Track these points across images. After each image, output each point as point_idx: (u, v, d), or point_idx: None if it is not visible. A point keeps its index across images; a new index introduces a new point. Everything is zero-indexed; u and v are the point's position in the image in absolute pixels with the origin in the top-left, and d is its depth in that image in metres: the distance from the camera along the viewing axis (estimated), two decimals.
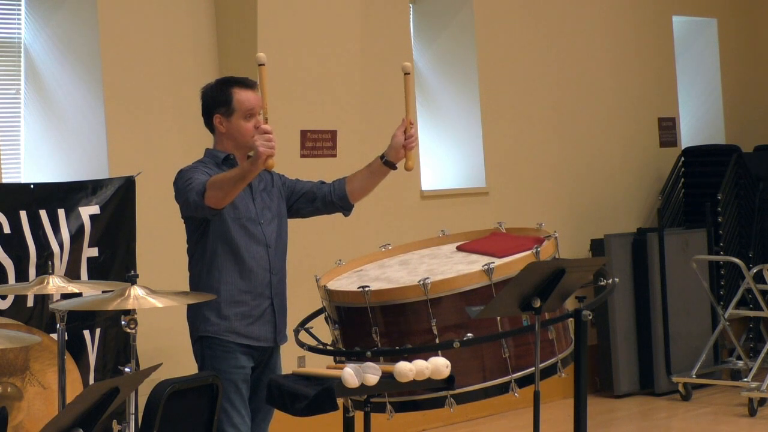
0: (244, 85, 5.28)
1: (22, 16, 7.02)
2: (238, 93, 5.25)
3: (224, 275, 5.20)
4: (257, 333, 5.24)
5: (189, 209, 5.15)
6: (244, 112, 5.24)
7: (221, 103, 5.24)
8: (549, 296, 4.92)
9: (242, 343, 5.21)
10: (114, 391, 3.85)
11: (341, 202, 5.46)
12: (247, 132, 5.23)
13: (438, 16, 8.99)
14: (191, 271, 5.30)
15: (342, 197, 5.44)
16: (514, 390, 5.12)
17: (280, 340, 5.35)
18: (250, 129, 5.23)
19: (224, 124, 5.26)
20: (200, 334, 5.23)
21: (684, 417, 8.74)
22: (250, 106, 5.24)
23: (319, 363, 5.76)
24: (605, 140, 9.86)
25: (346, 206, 5.49)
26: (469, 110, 8.97)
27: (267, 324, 5.27)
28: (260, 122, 5.21)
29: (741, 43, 11.15)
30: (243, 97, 5.24)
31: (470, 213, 8.68)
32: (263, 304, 5.26)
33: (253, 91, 5.27)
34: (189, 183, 5.13)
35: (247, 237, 5.22)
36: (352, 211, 5.53)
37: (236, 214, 5.21)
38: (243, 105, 5.24)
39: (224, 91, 5.26)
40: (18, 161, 7.00)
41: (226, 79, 5.38)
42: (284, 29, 7.35)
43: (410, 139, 5.36)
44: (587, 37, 9.77)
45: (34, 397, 5.97)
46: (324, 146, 7.55)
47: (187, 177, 5.16)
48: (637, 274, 9.35)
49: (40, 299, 6.19)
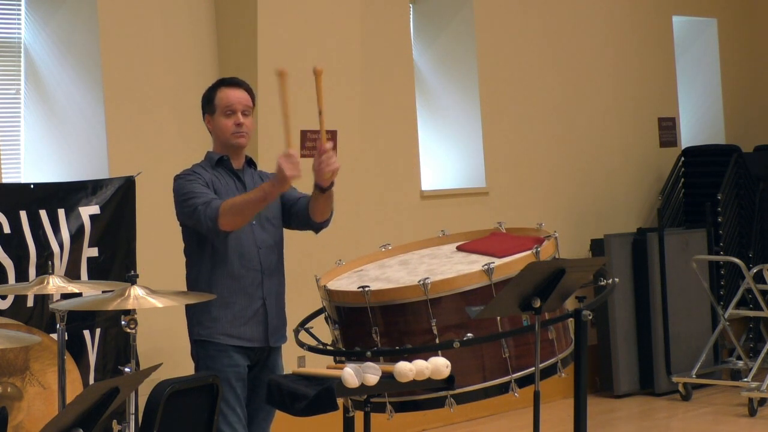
0: (228, 84, 5.37)
1: (22, 16, 7.02)
2: (221, 91, 5.33)
3: (216, 277, 5.21)
4: (248, 334, 5.24)
5: (199, 229, 5.15)
6: (223, 108, 5.29)
7: (207, 102, 5.35)
8: (549, 296, 4.92)
9: (234, 344, 5.22)
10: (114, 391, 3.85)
11: (307, 221, 5.41)
12: (224, 128, 5.28)
13: (438, 16, 8.99)
14: (189, 275, 5.30)
15: (306, 215, 5.40)
16: (514, 390, 5.12)
17: (276, 341, 5.33)
18: (227, 126, 5.28)
19: (211, 124, 5.35)
20: (194, 337, 5.26)
21: (684, 417, 8.74)
22: (228, 102, 5.29)
23: (319, 363, 5.76)
24: (605, 140, 9.87)
25: (312, 225, 5.42)
26: (469, 110, 8.97)
27: (258, 325, 5.26)
28: (240, 119, 5.25)
29: (741, 43, 11.15)
30: (223, 95, 5.31)
31: (470, 213, 8.68)
32: (254, 305, 5.25)
33: (237, 89, 5.33)
34: (191, 199, 5.12)
35: (238, 238, 5.22)
36: (319, 231, 5.46)
37: None
38: (222, 101, 5.30)
39: (211, 91, 5.36)
40: (18, 161, 7.00)
41: (217, 81, 5.46)
42: (284, 29, 7.35)
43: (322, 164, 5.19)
44: (587, 37, 9.77)
45: (34, 397, 5.97)
46: None
47: (187, 191, 5.16)
48: (637, 274, 9.35)
49: (40, 299, 6.19)
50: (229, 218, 5.05)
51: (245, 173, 5.35)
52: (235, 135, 5.29)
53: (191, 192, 5.14)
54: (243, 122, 5.28)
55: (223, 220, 5.05)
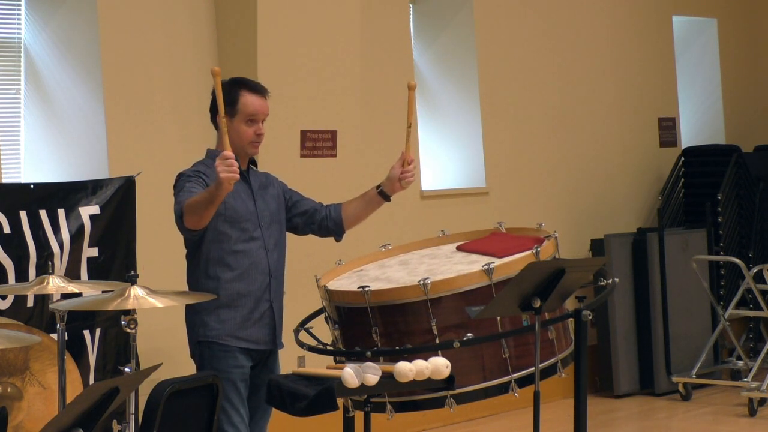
0: (253, 90, 5.26)
1: (22, 16, 7.01)
2: (245, 96, 5.23)
3: (223, 279, 5.19)
4: (256, 336, 5.24)
5: None
6: (246, 115, 5.23)
7: (227, 102, 5.16)
8: (549, 296, 4.92)
9: (241, 346, 5.22)
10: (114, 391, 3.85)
11: (336, 228, 5.48)
12: (244, 136, 5.22)
13: (438, 16, 8.99)
14: (190, 276, 5.28)
15: (338, 223, 5.46)
16: (514, 390, 5.12)
17: (281, 343, 5.35)
18: (249, 134, 5.23)
19: (227, 125, 5.23)
20: (200, 339, 5.24)
21: (684, 417, 8.74)
22: (253, 110, 5.23)
23: (319, 363, 5.76)
24: (605, 140, 9.86)
25: (339, 232, 5.50)
26: (469, 110, 8.97)
27: (266, 327, 5.27)
28: (261, 130, 5.23)
29: (741, 43, 11.15)
30: (248, 101, 5.23)
31: (470, 213, 8.68)
32: (262, 307, 5.25)
33: (260, 97, 5.26)
34: (177, 197, 5.12)
35: (247, 240, 5.21)
36: (343, 236, 5.53)
37: (236, 216, 5.21)
38: (246, 108, 5.22)
39: (232, 91, 5.22)
40: (18, 161, 7.00)
41: (237, 80, 5.33)
42: (284, 29, 7.35)
43: (407, 174, 5.37)
44: (587, 37, 9.77)
45: (34, 397, 5.97)
46: (324, 146, 7.55)
47: (179, 188, 5.15)
48: (637, 274, 9.35)
49: (40, 299, 6.19)
50: (189, 216, 5.01)
51: (250, 174, 5.35)
52: (252, 144, 5.26)
53: (182, 191, 5.12)
54: (263, 133, 5.25)
55: (186, 218, 5.02)
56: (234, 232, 5.19)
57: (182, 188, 5.13)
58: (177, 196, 5.14)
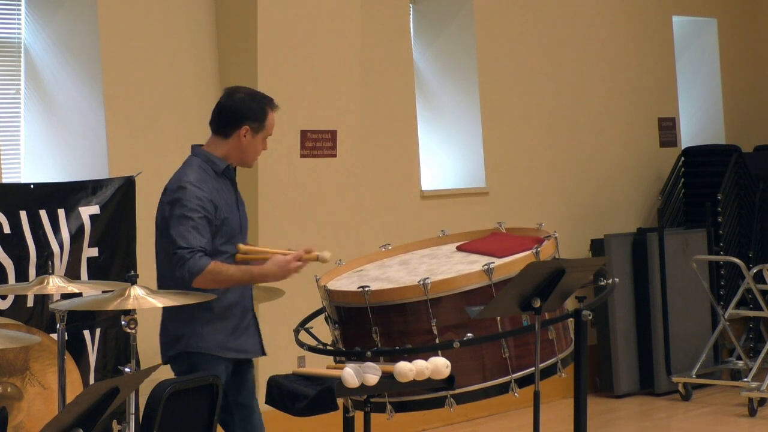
0: (274, 108, 5.28)
1: (22, 16, 7.01)
2: (271, 115, 5.25)
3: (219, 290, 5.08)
4: (246, 345, 5.20)
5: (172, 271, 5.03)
6: (266, 134, 5.24)
7: (256, 118, 5.18)
8: (549, 296, 4.92)
9: (230, 356, 5.15)
10: (114, 391, 3.85)
11: None
12: (256, 152, 5.25)
13: (438, 16, 8.99)
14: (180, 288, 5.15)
15: None
16: (514, 390, 5.12)
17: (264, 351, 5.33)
18: (259, 150, 5.26)
19: (248, 138, 5.19)
20: (191, 350, 5.11)
21: (684, 417, 8.74)
22: (272, 130, 5.27)
23: (319, 363, 5.76)
24: (605, 140, 9.86)
25: None
26: (469, 110, 8.97)
27: (253, 336, 5.24)
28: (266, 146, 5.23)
29: (741, 43, 11.15)
30: (272, 120, 5.25)
31: (470, 213, 8.68)
32: (248, 316, 5.23)
33: (275, 114, 5.29)
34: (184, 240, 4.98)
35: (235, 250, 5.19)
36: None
37: (232, 232, 5.16)
38: (270, 127, 5.25)
39: (262, 107, 5.22)
40: (18, 161, 7.00)
41: (262, 96, 5.29)
42: (284, 29, 7.35)
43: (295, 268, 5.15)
44: (587, 37, 9.77)
45: (34, 397, 5.97)
46: (324, 146, 7.55)
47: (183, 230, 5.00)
48: (637, 274, 9.35)
49: (40, 299, 6.19)
50: (208, 283, 4.97)
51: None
52: (255, 159, 5.29)
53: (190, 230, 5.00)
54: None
55: (202, 279, 4.97)
56: (229, 248, 5.16)
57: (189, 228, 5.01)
58: (181, 239, 4.99)
